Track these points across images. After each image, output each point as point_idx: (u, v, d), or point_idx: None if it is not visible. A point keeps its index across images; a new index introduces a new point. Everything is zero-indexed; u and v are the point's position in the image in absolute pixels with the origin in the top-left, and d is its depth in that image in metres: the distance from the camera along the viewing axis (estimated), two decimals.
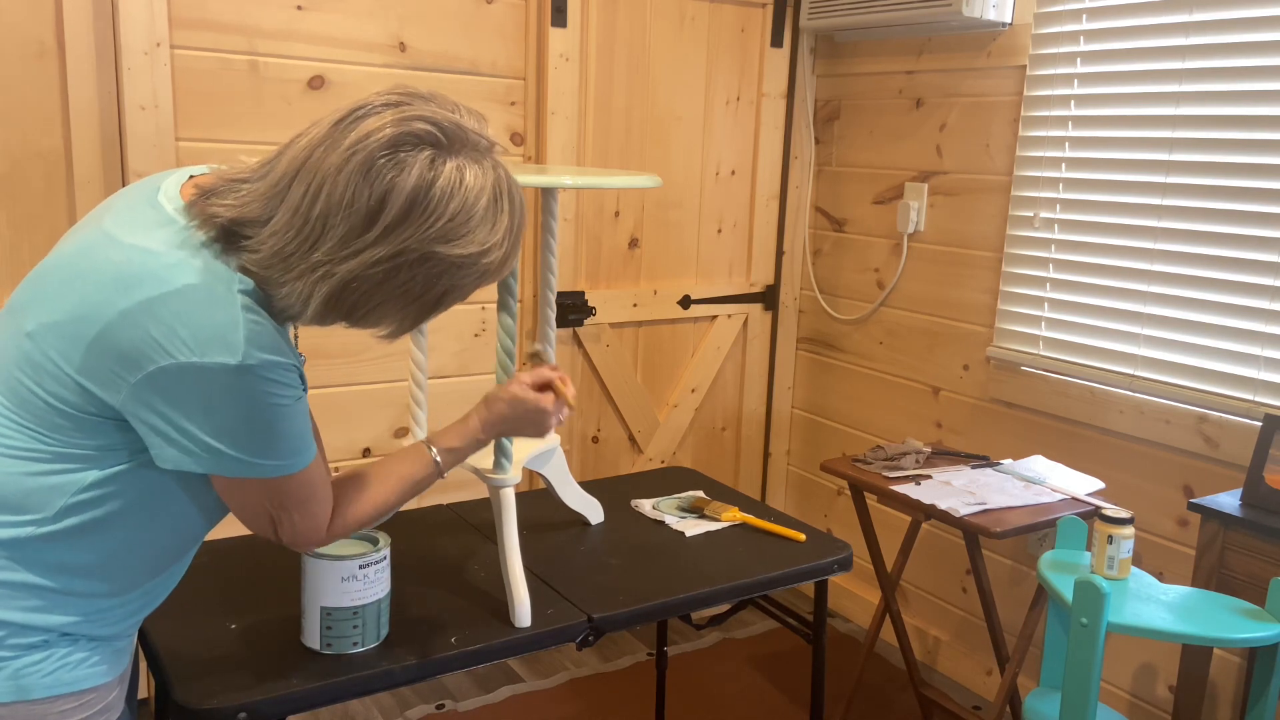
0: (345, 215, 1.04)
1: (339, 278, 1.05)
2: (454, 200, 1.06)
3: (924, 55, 2.95)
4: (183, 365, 1.03)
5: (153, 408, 1.05)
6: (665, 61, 3.04)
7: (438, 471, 1.34)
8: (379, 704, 2.69)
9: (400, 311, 1.11)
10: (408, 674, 1.36)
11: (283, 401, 1.09)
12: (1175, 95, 2.35)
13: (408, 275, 1.07)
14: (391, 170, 1.04)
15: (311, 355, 2.65)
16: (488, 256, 1.11)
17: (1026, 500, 2.26)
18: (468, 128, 1.10)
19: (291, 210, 1.05)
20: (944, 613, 3.04)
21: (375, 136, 1.04)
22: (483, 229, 1.09)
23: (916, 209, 3.00)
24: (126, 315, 1.03)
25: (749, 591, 1.67)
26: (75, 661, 1.13)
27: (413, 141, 1.05)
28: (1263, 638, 1.69)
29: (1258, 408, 2.22)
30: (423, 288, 1.09)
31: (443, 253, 1.07)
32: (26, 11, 2.21)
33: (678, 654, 3.04)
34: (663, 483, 2.11)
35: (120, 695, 1.21)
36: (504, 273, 1.17)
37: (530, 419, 1.40)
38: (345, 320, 1.11)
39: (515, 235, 1.14)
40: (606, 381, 3.11)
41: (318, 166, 1.05)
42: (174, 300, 1.03)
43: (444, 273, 1.09)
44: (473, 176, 1.08)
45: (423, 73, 2.67)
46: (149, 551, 1.17)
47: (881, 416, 3.20)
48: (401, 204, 1.04)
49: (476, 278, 1.12)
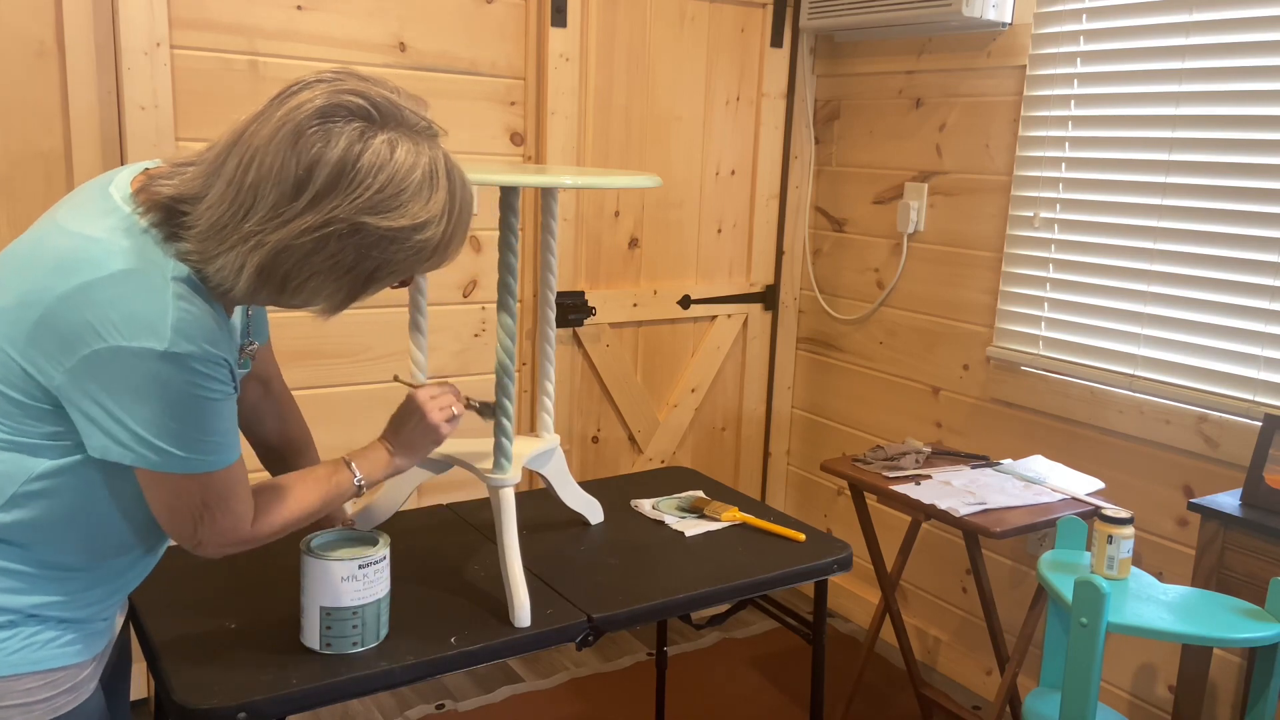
0: (275, 184, 1.05)
1: (269, 247, 1.05)
2: (382, 173, 1.06)
3: (924, 55, 2.95)
4: (114, 349, 1.04)
5: (86, 392, 1.06)
6: (665, 61, 3.04)
7: (354, 483, 1.35)
8: (379, 704, 2.69)
9: (333, 284, 1.10)
10: (407, 674, 1.36)
11: (209, 395, 1.10)
12: (1175, 95, 2.35)
13: (337, 246, 1.07)
14: (320, 140, 1.05)
15: (311, 356, 2.65)
16: (422, 233, 1.10)
17: (1026, 500, 2.26)
18: (404, 106, 1.11)
19: (226, 182, 1.06)
20: (944, 613, 3.04)
21: (305, 107, 1.06)
22: (415, 203, 1.08)
23: (916, 209, 3.00)
24: (64, 299, 1.05)
25: (749, 591, 1.67)
26: (42, 641, 1.15)
27: (343, 114, 1.06)
28: (1263, 638, 1.69)
29: (1258, 408, 2.22)
30: (354, 260, 1.09)
31: (372, 224, 1.06)
32: (26, 11, 2.21)
33: (678, 654, 3.04)
34: (662, 483, 2.11)
35: (93, 676, 1.22)
36: (447, 255, 1.16)
37: (415, 418, 1.42)
38: (278, 293, 1.10)
39: (457, 217, 1.14)
40: (606, 381, 3.11)
41: (251, 139, 1.06)
42: (109, 285, 1.05)
43: (375, 245, 1.08)
44: (404, 152, 1.08)
45: (423, 73, 2.67)
46: (108, 541, 1.18)
47: (881, 416, 3.20)
48: (328, 173, 1.05)
49: (412, 254, 1.11)
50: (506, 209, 1.51)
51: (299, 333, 2.62)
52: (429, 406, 1.42)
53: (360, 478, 1.35)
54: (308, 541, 1.37)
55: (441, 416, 1.42)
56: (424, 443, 1.43)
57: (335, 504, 1.33)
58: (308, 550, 1.35)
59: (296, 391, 2.64)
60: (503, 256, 1.52)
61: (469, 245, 2.82)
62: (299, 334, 2.62)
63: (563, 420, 3.06)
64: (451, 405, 1.44)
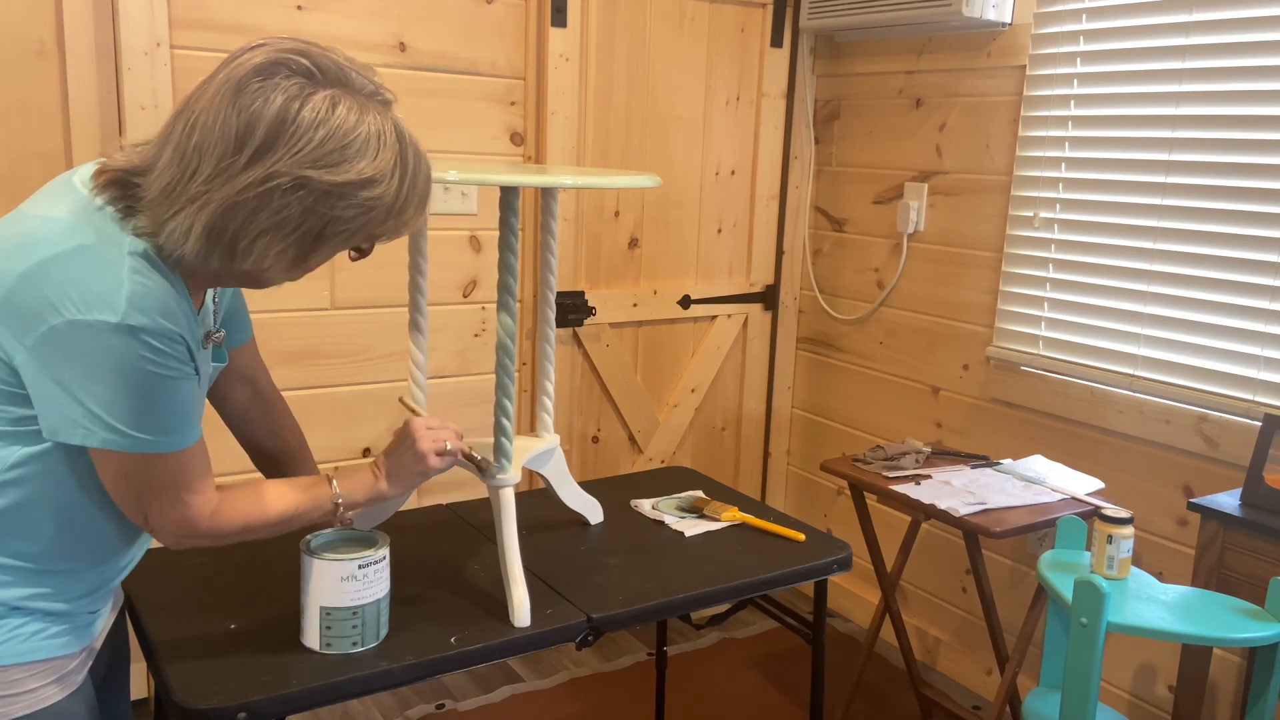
0: (218, 142, 1.06)
1: (215, 205, 1.06)
2: (323, 128, 1.06)
3: (924, 55, 2.95)
4: (70, 323, 1.04)
5: (44, 368, 1.06)
6: (665, 61, 3.04)
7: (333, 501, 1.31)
8: (379, 704, 2.69)
9: (281, 243, 1.10)
10: (407, 674, 1.36)
11: (163, 371, 1.10)
12: (1175, 95, 2.35)
13: (282, 202, 1.07)
14: (260, 96, 1.05)
15: (311, 356, 2.65)
16: (369, 189, 1.09)
17: (1026, 500, 2.26)
18: (350, 70, 1.11)
19: (173, 147, 1.08)
20: (944, 613, 3.04)
21: (245, 65, 1.07)
22: (361, 160, 1.08)
23: (916, 209, 3.00)
24: (24, 278, 1.06)
25: (749, 591, 1.67)
26: (28, 633, 1.16)
27: (284, 71, 1.07)
28: (1262, 638, 1.69)
29: (1258, 408, 2.22)
30: (300, 217, 1.08)
31: (315, 178, 1.06)
32: (26, 11, 2.21)
33: (677, 654, 3.04)
34: (662, 483, 2.11)
35: (81, 668, 1.23)
36: (402, 221, 1.15)
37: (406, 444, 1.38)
38: (229, 257, 1.10)
39: (410, 181, 1.13)
40: (606, 381, 3.11)
41: (194, 103, 1.08)
42: (66, 260, 1.06)
43: (321, 201, 1.08)
44: (346, 109, 1.08)
45: (423, 72, 2.67)
46: (86, 532, 1.19)
47: (881, 416, 3.20)
48: (268, 127, 1.05)
49: (361, 213, 1.11)
50: (506, 209, 1.51)
51: (299, 333, 2.62)
52: (422, 435, 1.37)
53: (340, 496, 1.31)
54: (308, 541, 1.37)
55: (434, 447, 1.37)
56: (412, 472, 1.38)
57: (311, 518, 1.30)
58: (308, 550, 1.35)
59: (296, 391, 2.64)
60: (503, 256, 1.52)
61: (469, 245, 2.82)
62: (299, 334, 2.62)
63: (563, 420, 3.06)
64: (446, 441, 1.39)
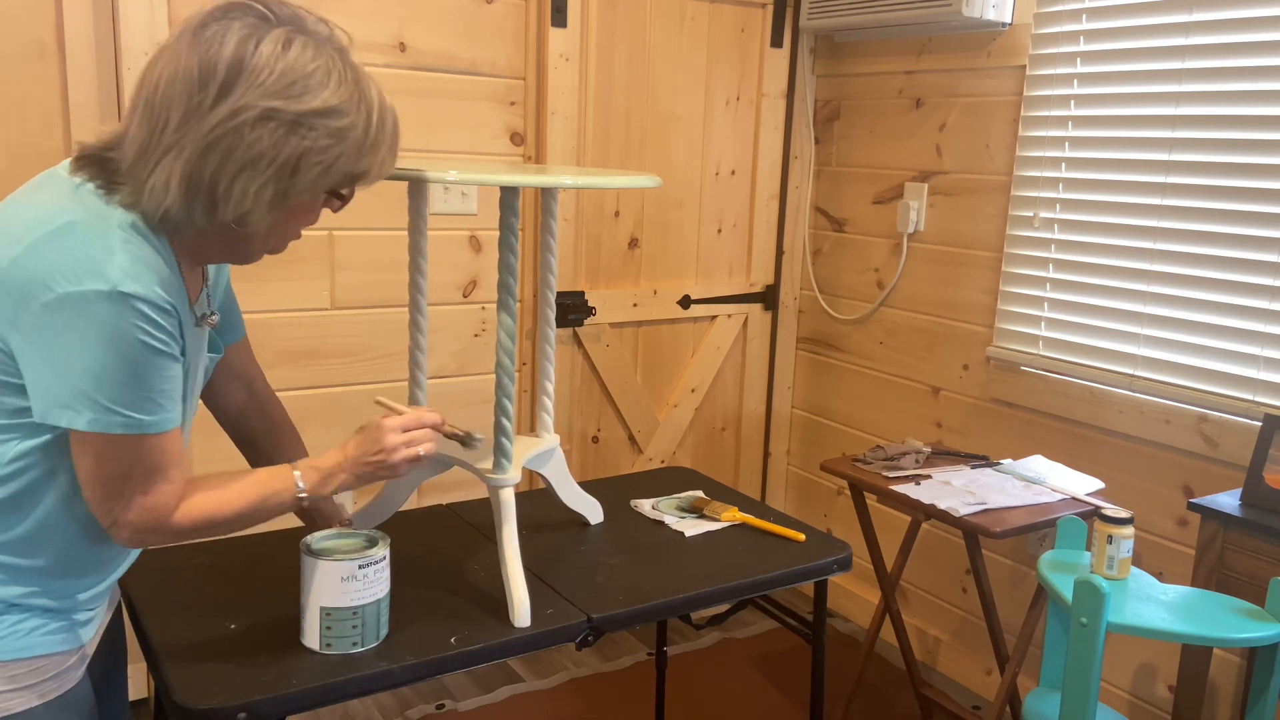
0: (182, 89, 1.08)
1: (189, 150, 1.08)
2: (281, 61, 1.09)
3: (924, 55, 2.95)
4: (61, 297, 1.05)
5: (36, 347, 1.06)
6: (665, 61, 3.04)
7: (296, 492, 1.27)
8: (379, 704, 2.69)
9: (259, 179, 1.11)
10: (407, 674, 1.36)
11: (155, 343, 1.09)
12: (1175, 95, 2.35)
13: (253, 136, 1.09)
14: (216, 39, 1.09)
15: (311, 355, 2.65)
16: (336, 119, 1.12)
17: (1026, 500, 2.26)
18: (305, 15, 1.14)
19: (142, 109, 1.10)
20: (944, 613, 3.04)
21: (201, 13, 1.11)
22: (324, 90, 1.11)
23: (916, 209, 3.00)
24: (16, 261, 1.06)
25: (748, 591, 1.67)
26: (26, 629, 1.16)
27: (237, 12, 1.10)
28: (1263, 638, 1.69)
29: (1258, 408, 2.22)
30: (273, 149, 1.10)
31: (282, 107, 1.09)
32: (26, 11, 2.21)
33: (677, 654, 3.04)
34: (662, 483, 2.11)
35: (79, 665, 1.23)
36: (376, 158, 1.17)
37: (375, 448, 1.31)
38: (210, 206, 1.11)
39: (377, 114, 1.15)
40: (606, 381, 3.11)
41: (155, 65, 1.11)
42: (56, 238, 1.07)
43: (291, 131, 1.10)
44: (301, 46, 1.11)
45: (423, 73, 2.67)
46: (85, 527, 1.19)
47: (881, 416, 3.20)
48: (228, 65, 1.08)
49: (334, 143, 1.12)
50: (506, 209, 1.51)
51: (299, 333, 2.62)
52: (391, 442, 1.31)
53: (304, 489, 1.27)
54: (308, 542, 1.37)
55: (403, 455, 1.31)
56: (377, 475, 1.33)
57: (273, 510, 1.26)
58: (308, 550, 1.35)
59: (297, 391, 2.64)
60: (502, 256, 1.52)
61: (469, 245, 2.82)
62: (299, 334, 2.62)
63: (563, 420, 3.07)
64: (420, 447, 1.33)
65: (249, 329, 2.55)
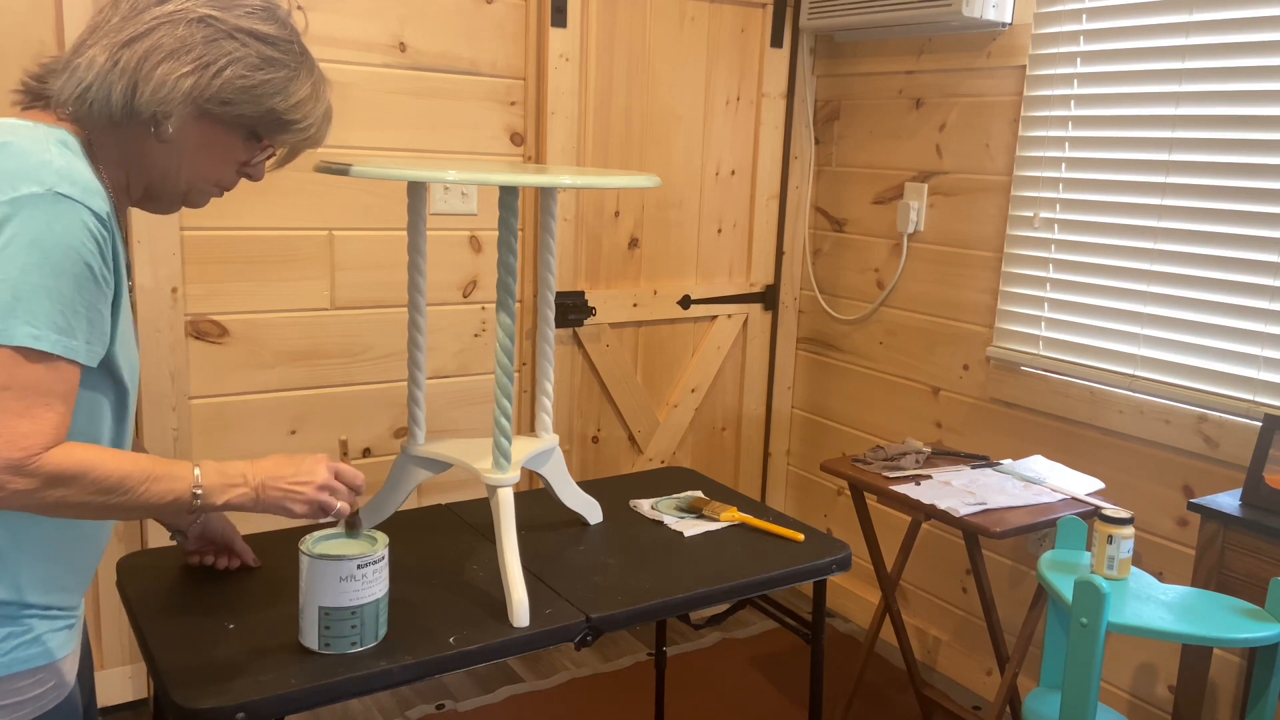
0: None
1: (123, 35, 1.14)
2: None
3: (924, 55, 2.95)
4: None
5: None
6: (665, 61, 3.04)
7: (192, 486, 1.15)
8: (379, 704, 2.69)
9: (181, 68, 1.14)
10: (407, 674, 1.36)
11: (82, 251, 1.05)
12: (1175, 95, 2.35)
13: (187, 31, 1.15)
14: None
15: (311, 356, 2.65)
16: (268, 47, 1.18)
17: (1026, 500, 2.26)
18: None
19: (93, 28, 1.17)
20: (944, 613, 3.04)
21: None
22: (266, 22, 1.19)
23: (916, 209, 3.00)
24: None
25: (748, 591, 1.67)
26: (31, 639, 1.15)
27: None
28: (1263, 638, 1.69)
29: (1258, 408, 2.22)
30: (202, 44, 1.15)
31: (221, 16, 1.16)
32: (26, 11, 2.21)
33: (677, 654, 3.04)
34: (662, 483, 2.11)
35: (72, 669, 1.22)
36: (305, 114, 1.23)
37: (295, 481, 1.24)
38: (131, 88, 1.13)
39: (308, 63, 1.23)
40: (606, 381, 3.11)
41: None
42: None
43: (224, 39, 1.16)
44: None
45: (423, 72, 2.67)
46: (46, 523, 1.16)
47: (881, 416, 3.20)
48: None
49: (262, 65, 1.18)
50: (506, 209, 1.51)
51: (299, 333, 2.62)
52: (323, 477, 1.25)
53: (201, 486, 1.16)
54: (307, 541, 1.37)
55: (321, 498, 1.25)
56: (280, 504, 1.23)
57: (161, 495, 1.13)
58: (307, 550, 1.35)
59: (297, 391, 2.64)
60: (502, 256, 1.52)
61: (469, 245, 2.82)
62: (299, 334, 2.62)
63: (562, 420, 3.06)
64: (339, 501, 1.27)
65: (249, 328, 2.56)
